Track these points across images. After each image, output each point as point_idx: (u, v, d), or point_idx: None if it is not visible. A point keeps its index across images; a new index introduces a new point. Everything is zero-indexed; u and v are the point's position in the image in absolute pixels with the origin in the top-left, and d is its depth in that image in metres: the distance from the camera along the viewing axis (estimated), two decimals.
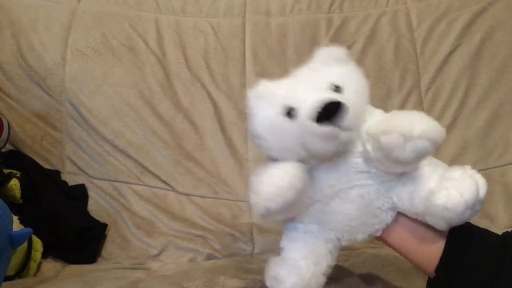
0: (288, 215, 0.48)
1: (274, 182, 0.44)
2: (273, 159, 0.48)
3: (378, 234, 0.51)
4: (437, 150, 0.90)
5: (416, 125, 0.42)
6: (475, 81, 0.94)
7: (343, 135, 0.43)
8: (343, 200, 0.48)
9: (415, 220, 0.48)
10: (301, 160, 0.47)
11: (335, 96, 0.43)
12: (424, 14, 0.97)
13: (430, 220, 0.46)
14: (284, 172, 0.45)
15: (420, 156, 0.43)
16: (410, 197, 0.47)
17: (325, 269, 0.50)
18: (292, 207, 0.46)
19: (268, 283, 0.50)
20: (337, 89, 0.46)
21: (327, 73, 0.48)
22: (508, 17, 0.96)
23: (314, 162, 0.48)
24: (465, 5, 0.96)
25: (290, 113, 0.45)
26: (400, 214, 0.49)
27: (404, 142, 0.42)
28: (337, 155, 0.46)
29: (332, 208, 0.49)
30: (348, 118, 0.42)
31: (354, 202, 0.48)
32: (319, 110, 0.42)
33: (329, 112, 0.42)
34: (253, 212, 0.46)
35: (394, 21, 0.97)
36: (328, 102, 0.42)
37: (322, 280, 0.49)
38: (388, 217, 0.49)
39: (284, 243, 0.52)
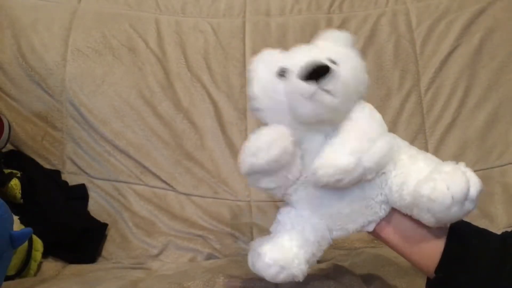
0: (271, 180, 0.49)
1: (260, 139, 0.47)
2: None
3: (371, 228, 0.51)
4: (437, 149, 0.92)
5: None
6: (474, 81, 0.94)
7: (327, 99, 0.44)
8: None
9: (412, 219, 0.48)
10: (291, 127, 0.48)
11: (327, 62, 0.45)
12: (424, 14, 0.97)
13: (417, 213, 0.46)
14: (270, 131, 0.48)
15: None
16: (399, 188, 0.47)
17: (310, 256, 0.50)
18: (276, 171, 0.48)
19: (249, 258, 0.50)
20: (332, 63, 0.47)
21: (326, 48, 0.50)
22: (507, 17, 0.96)
23: (303, 134, 0.48)
24: (465, 6, 0.96)
25: (283, 74, 0.47)
26: (397, 212, 0.49)
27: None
28: (323, 124, 0.47)
29: (323, 191, 0.49)
30: (334, 83, 0.44)
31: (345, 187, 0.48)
32: (307, 69, 0.44)
33: (317, 73, 0.44)
34: (240, 171, 0.49)
35: (394, 21, 0.97)
36: (318, 64, 0.44)
37: (304, 266, 0.49)
38: (381, 210, 0.49)
39: (273, 226, 0.53)
